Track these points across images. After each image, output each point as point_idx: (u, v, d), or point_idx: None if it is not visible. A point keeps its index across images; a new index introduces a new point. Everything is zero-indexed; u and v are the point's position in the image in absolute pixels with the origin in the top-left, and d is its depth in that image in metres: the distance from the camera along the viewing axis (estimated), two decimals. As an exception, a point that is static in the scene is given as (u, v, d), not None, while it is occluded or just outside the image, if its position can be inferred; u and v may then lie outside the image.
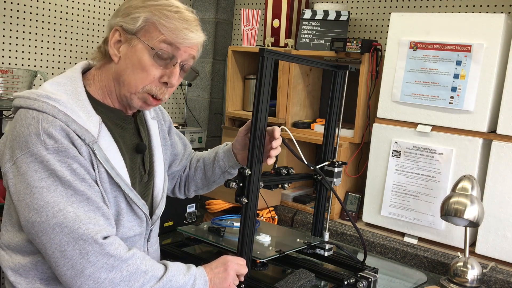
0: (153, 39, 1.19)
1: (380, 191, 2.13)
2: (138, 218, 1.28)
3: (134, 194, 1.25)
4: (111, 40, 1.21)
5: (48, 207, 1.06)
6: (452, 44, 1.91)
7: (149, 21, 1.19)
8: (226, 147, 1.56)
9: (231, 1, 3.16)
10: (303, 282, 1.49)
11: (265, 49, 1.33)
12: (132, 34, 1.20)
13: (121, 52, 1.21)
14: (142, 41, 1.19)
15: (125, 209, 1.23)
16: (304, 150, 2.59)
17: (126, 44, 1.21)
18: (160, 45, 1.19)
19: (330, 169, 1.69)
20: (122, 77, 1.22)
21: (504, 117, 1.84)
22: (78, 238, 1.05)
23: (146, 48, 1.19)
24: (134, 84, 1.21)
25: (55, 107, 1.11)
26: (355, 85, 2.21)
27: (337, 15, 2.42)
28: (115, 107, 1.27)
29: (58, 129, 1.09)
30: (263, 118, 1.35)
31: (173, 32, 1.19)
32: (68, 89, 1.18)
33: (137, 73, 1.20)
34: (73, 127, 1.12)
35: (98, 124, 1.18)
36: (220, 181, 1.59)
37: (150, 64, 1.19)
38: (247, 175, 1.35)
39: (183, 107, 3.27)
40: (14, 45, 2.40)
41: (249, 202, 1.37)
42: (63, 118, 1.11)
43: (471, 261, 1.73)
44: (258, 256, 1.51)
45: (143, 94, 1.22)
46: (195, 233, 1.71)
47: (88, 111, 1.18)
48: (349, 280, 1.49)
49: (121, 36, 1.21)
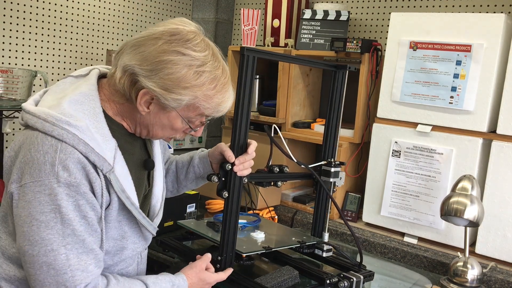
0: (191, 115, 1.19)
1: (380, 191, 2.13)
2: (144, 240, 1.29)
3: (147, 221, 1.25)
4: (141, 100, 1.14)
5: (42, 243, 1.05)
6: (452, 44, 1.91)
7: (191, 104, 1.16)
8: (202, 153, 1.54)
9: (231, 1, 3.16)
10: (284, 278, 1.50)
11: (246, 47, 1.36)
12: (170, 107, 1.16)
13: (150, 109, 1.17)
14: (179, 114, 1.18)
15: (129, 232, 1.23)
16: (304, 150, 2.61)
17: (158, 106, 1.16)
18: (196, 116, 1.20)
19: (327, 169, 1.69)
20: (149, 127, 1.21)
21: (504, 117, 1.83)
22: (61, 283, 1.06)
23: (181, 118, 1.19)
24: (161, 136, 1.24)
25: (75, 135, 1.06)
26: (355, 85, 2.21)
27: (337, 15, 2.42)
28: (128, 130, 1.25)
29: (75, 162, 1.05)
30: (245, 117, 1.39)
31: (212, 109, 1.19)
32: (86, 109, 1.12)
33: (166, 131, 1.22)
34: (92, 158, 1.08)
35: (114, 149, 1.14)
36: (190, 186, 1.58)
37: (181, 127, 1.21)
38: (227, 170, 1.38)
39: (183, 107, 3.27)
40: (14, 45, 2.40)
41: (230, 196, 1.39)
42: (83, 148, 1.06)
43: (471, 261, 1.73)
44: (244, 250, 1.53)
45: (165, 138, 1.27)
46: (192, 227, 1.75)
47: (104, 134, 1.13)
48: (331, 280, 1.50)
49: (153, 99, 1.14)
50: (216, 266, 1.43)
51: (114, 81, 1.16)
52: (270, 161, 1.55)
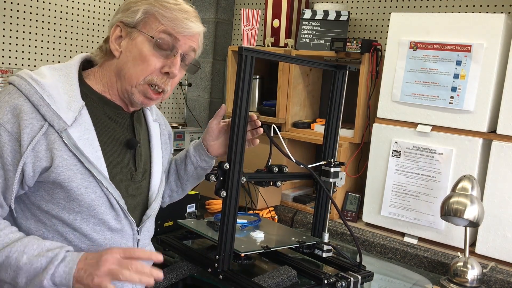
0: (153, 29, 1.20)
1: (380, 191, 2.13)
2: (113, 211, 1.24)
3: (109, 183, 1.21)
4: (112, 36, 1.23)
5: None
6: (452, 44, 1.91)
7: (149, 13, 1.21)
8: (195, 142, 1.56)
9: (231, 1, 3.16)
10: (282, 278, 1.50)
11: (244, 47, 1.37)
12: (132, 27, 1.21)
13: (122, 46, 1.23)
14: (142, 32, 1.20)
15: (97, 200, 1.20)
16: (304, 150, 2.61)
17: (127, 39, 1.22)
18: (160, 35, 1.20)
19: (326, 169, 1.69)
20: (123, 71, 1.22)
21: (504, 117, 1.83)
22: None
23: (147, 38, 1.20)
24: (135, 75, 1.21)
25: (33, 87, 1.14)
26: (355, 85, 2.21)
27: (337, 15, 2.42)
28: (113, 101, 1.28)
29: (12, 106, 1.12)
30: (243, 117, 1.39)
31: (173, 22, 1.20)
32: (60, 74, 1.20)
33: (138, 65, 1.21)
34: (43, 111, 1.13)
35: (77, 109, 1.18)
36: (193, 180, 1.57)
37: (151, 54, 1.20)
38: (225, 169, 1.38)
39: (183, 107, 3.27)
40: (14, 45, 2.40)
41: (228, 196, 1.40)
42: (35, 100, 1.13)
43: (471, 261, 1.73)
44: (242, 250, 1.53)
45: (143, 86, 1.22)
46: (192, 227, 1.76)
47: (73, 95, 1.18)
48: (329, 280, 1.50)
49: (122, 31, 1.23)
50: (214, 265, 1.43)
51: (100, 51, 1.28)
52: (270, 161, 1.55)
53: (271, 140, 1.51)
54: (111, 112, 1.27)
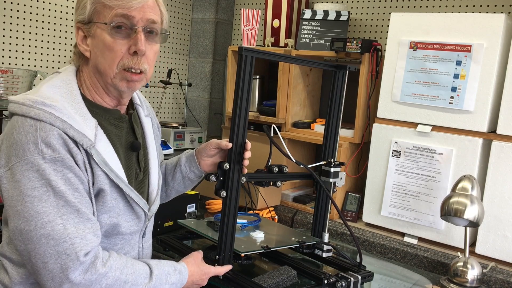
0: (106, 16, 1.20)
1: (380, 191, 2.13)
2: (136, 218, 1.30)
3: (135, 194, 1.26)
4: (78, 39, 1.25)
5: (38, 217, 1.06)
6: (452, 44, 1.91)
7: (96, 2, 1.20)
8: (189, 152, 1.57)
9: (231, 1, 3.16)
10: (282, 277, 1.50)
11: (244, 47, 1.37)
12: (88, 22, 1.22)
13: (89, 45, 1.23)
14: (97, 23, 1.20)
15: (123, 209, 1.25)
16: (304, 150, 2.61)
17: (90, 37, 1.23)
18: (113, 19, 1.20)
19: (326, 169, 1.69)
20: (98, 66, 1.23)
21: (504, 117, 1.83)
22: (61, 252, 1.07)
23: (104, 27, 1.20)
24: (109, 66, 1.22)
25: (51, 114, 1.11)
26: (355, 85, 2.21)
27: (337, 15, 2.42)
28: (108, 105, 1.28)
29: (56, 138, 1.10)
30: (243, 117, 1.40)
31: (120, 1, 1.19)
32: (63, 92, 1.19)
33: (107, 56, 1.21)
34: (71, 134, 1.12)
35: (94, 127, 1.19)
36: (179, 188, 1.59)
37: (113, 40, 1.20)
38: (225, 169, 1.39)
39: (183, 107, 3.27)
40: (14, 45, 2.40)
41: (228, 196, 1.41)
42: (60, 125, 1.11)
43: (471, 261, 1.73)
44: (242, 250, 1.54)
45: (121, 73, 1.22)
46: (192, 227, 1.76)
47: (83, 114, 1.18)
48: (329, 280, 1.50)
49: (84, 31, 1.23)
50: (214, 265, 1.43)
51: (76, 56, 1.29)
52: (270, 161, 1.56)
53: (271, 140, 1.51)
54: (112, 119, 1.28)
